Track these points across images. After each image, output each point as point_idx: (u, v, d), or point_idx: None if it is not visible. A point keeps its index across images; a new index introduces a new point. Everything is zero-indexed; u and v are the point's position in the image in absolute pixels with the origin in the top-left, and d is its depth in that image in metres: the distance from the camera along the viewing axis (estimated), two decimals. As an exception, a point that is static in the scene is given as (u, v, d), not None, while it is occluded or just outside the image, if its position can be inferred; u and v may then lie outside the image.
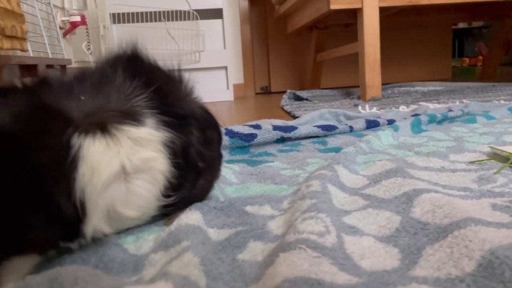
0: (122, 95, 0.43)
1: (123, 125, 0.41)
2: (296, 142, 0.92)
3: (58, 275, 0.34)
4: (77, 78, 0.43)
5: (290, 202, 0.53)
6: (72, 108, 0.39)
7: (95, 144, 0.39)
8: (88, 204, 0.39)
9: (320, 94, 2.13)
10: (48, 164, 0.37)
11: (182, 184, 0.47)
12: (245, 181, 0.65)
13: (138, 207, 0.44)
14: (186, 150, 0.47)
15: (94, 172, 0.38)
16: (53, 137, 0.38)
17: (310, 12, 2.04)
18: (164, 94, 0.46)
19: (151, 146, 0.43)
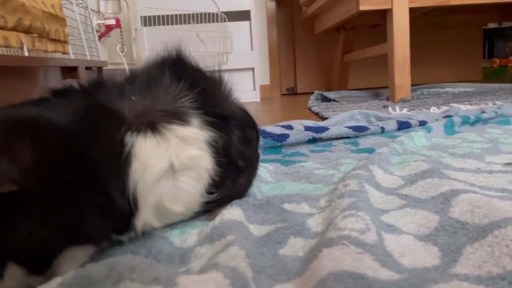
0: (169, 96, 0.45)
1: (171, 125, 0.43)
2: (327, 143, 0.93)
3: (115, 263, 0.37)
4: (128, 79, 0.46)
5: (328, 201, 0.54)
6: (124, 108, 0.42)
7: (146, 142, 0.41)
8: (140, 199, 0.41)
9: (348, 95, 2.13)
10: (104, 160, 0.39)
11: (224, 182, 0.49)
12: (280, 180, 0.67)
13: (184, 202, 0.46)
14: (227, 149, 0.48)
15: (146, 168, 0.41)
16: (109, 135, 0.40)
17: (338, 13, 2.04)
18: (207, 95, 0.48)
19: (196, 144, 0.45)
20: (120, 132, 0.40)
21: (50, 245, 0.38)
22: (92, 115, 0.40)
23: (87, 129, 0.39)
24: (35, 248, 0.38)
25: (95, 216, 0.40)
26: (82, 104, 0.40)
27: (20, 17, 0.82)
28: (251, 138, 0.54)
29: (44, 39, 0.94)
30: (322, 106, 1.76)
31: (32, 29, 0.88)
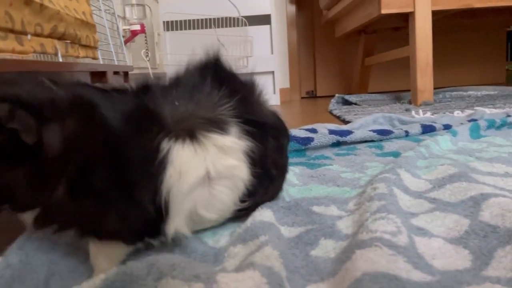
0: (210, 103, 0.46)
1: (210, 133, 0.44)
2: (351, 146, 0.93)
3: (155, 261, 0.38)
4: (172, 83, 0.47)
5: (356, 204, 0.55)
6: (167, 113, 0.43)
7: (184, 150, 0.42)
8: (172, 205, 0.42)
9: (369, 98, 2.12)
10: (137, 162, 0.40)
11: (257, 190, 0.50)
12: (307, 183, 0.68)
13: (217, 210, 0.47)
14: (263, 159, 0.49)
15: (182, 175, 0.42)
16: (147, 139, 0.41)
17: (360, 16, 2.04)
18: (246, 103, 0.48)
19: (234, 154, 0.45)
20: (158, 138, 0.41)
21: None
22: (136, 117, 0.41)
23: (129, 129, 0.41)
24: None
25: (125, 215, 0.41)
26: (131, 105, 0.42)
27: (55, 25, 0.85)
28: (283, 146, 0.55)
29: (76, 45, 0.97)
30: (344, 110, 1.76)
31: (66, 36, 0.91)
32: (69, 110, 0.39)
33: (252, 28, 2.69)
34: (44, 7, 0.79)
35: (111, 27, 1.38)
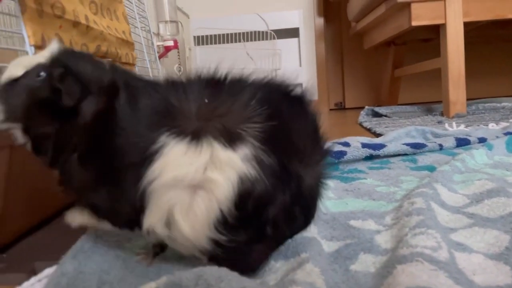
0: (241, 116, 0.42)
1: (216, 141, 0.41)
2: (385, 160, 0.93)
3: (203, 272, 0.40)
4: (220, 84, 0.45)
5: (394, 218, 0.55)
6: (188, 109, 0.42)
7: (177, 147, 0.41)
8: (150, 198, 0.42)
9: (400, 110, 2.10)
10: (130, 149, 0.43)
11: (238, 232, 0.42)
12: (342, 197, 0.69)
13: (192, 225, 0.42)
14: (260, 206, 0.41)
15: (163, 170, 0.41)
16: (149, 130, 0.42)
17: (389, 28, 2.04)
18: (283, 135, 0.43)
19: (223, 171, 0.40)
20: (161, 130, 0.42)
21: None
22: (153, 108, 0.44)
23: (137, 119, 0.43)
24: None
25: (110, 195, 0.44)
26: (155, 98, 0.44)
27: (99, 44, 0.90)
28: (309, 217, 0.48)
29: (117, 62, 1.02)
30: (374, 122, 1.76)
31: (108, 54, 0.96)
32: (105, 91, 0.45)
33: (281, 41, 2.72)
34: (89, 28, 0.84)
35: (146, 43, 1.43)
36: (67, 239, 0.62)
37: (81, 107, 0.44)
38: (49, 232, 0.68)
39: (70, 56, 0.47)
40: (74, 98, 0.44)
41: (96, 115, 0.44)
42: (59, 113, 0.44)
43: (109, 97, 0.45)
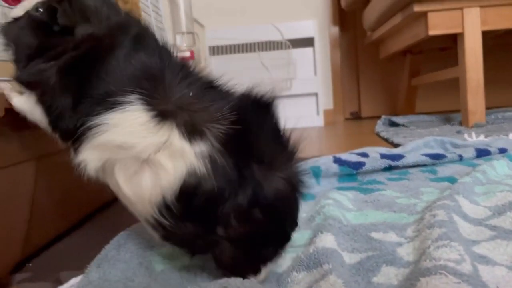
0: (209, 116, 0.42)
1: (177, 128, 0.42)
2: (404, 171, 0.93)
3: (227, 284, 0.41)
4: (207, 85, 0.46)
5: (415, 230, 0.55)
6: (169, 89, 0.44)
7: (140, 114, 0.42)
8: (92, 138, 0.43)
9: (417, 119, 2.09)
10: (102, 87, 0.45)
11: (174, 227, 0.43)
12: (362, 208, 0.69)
13: (135, 192, 0.43)
14: (210, 205, 0.41)
15: (117, 125, 0.43)
16: (127, 81, 0.45)
17: (405, 37, 2.03)
18: (244, 140, 0.43)
19: (174, 159, 0.41)
20: (136, 89, 0.43)
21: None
22: (144, 70, 0.45)
23: (125, 68, 0.45)
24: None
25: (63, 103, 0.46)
26: (153, 62, 0.46)
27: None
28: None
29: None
30: (391, 131, 1.75)
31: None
32: (109, 29, 0.48)
33: (296, 51, 2.73)
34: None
35: (165, 55, 1.46)
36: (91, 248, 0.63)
37: (75, 31, 0.47)
38: (73, 242, 0.69)
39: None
40: (69, 19, 0.47)
41: (88, 40, 0.47)
42: (52, 33, 0.48)
43: (111, 35, 0.47)
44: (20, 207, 0.59)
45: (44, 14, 0.48)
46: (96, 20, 0.48)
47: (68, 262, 0.60)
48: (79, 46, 0.46)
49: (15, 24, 0.51)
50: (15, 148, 0.58)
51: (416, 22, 1.86)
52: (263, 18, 2.81)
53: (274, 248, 0.46)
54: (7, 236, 0.57)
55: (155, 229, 0.45)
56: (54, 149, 0.64)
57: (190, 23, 1.86)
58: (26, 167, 0.60)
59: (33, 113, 0.50)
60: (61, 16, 0.47)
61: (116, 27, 0.48)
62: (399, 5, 1.85)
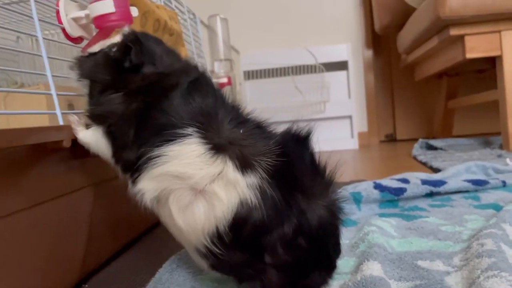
0: (257, 150, 0.45)
1: (230, 161, 0.45)
2: (446, 197, 0.92)
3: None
4: (256, 125, 0.50)
5: (463, 259, 0.55)
6: (221, 126, 0.47)
7: (197, 146, 0.46)
8: (152, 167, 0.47)
9: (455, 143, 2.05)
10: (164, 119, 0.49)
11: (225, 255, 0.45)
12: (406, 236, 0.69)
13: (188, 223, 0.46)
14: (259, 235, 0.44)
15: (176, 157, 0.46)
16: (186, 116, 0.48)
17: (442, 61, 2.02)
18: (289, 172, 0.45)
19: (228, 190, 0.44)
20: (194, 123, 0.47)
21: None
22: (200, 108, 0.49)
23: (184, 105, 0.49)
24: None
25: (124, 129, 0.50)
26: (208, 102, 0.50)
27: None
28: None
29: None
30: (429, 155, 1.73)
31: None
32: (173, 71, 0.53)
33: (329, 74, 2.75)
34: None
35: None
36: (141, 269, 0.66)
37: (143, 68, 0.52)
38: (124, 263, 0.72)
39: (143, 34, 0.56)
40: (140, 58, 0.52)
41: (154, 76, 0.52)
42: (123, 69, 0.52)
43: (174, 75, 0.52)
44: (79, 231, 0.63)
45: (118, 52, 0.53)
46: (160, 64, 0.53)
47: (122, 283, 0.63)
48: (146, 80, 0.51)
49: (90, 59, 0.57)
50: (76, 175, 0.62)
51: (452, 45, 1.86)
52: (297, 43, 2.85)
53: (320, 275, 0.48)
54: (68, 259, 0.61)
55: (205, 257, 0.47)
56: (109, 175, 0.69)
57: (228, 50, 1.92)
58: (86, 193, 0.64)
59: (98, 146, 0.54)
60: (134, 55, 0.51)
61: (179, 70, 0.53)
62: (435, 29, 1.85)
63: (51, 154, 0.56)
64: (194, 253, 0.48)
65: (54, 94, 0.58)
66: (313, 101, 2.77)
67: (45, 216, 0.55)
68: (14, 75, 1.34)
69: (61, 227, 0.59)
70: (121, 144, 0.51)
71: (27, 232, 0.52)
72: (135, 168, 0.49)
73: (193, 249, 0.48)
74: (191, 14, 1.52)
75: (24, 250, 0.52)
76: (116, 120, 0.51)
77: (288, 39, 2.91)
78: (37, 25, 0.57)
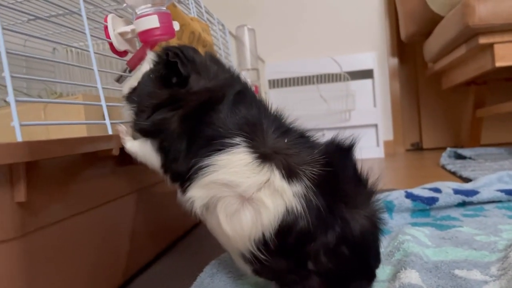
0: (302, 159, 0.47)
1: (277, 169, 0.46)
2: (478, 207, 0.92)
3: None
4: (299, 134, 0.52)
5: (500, 269, 0.56)
6: (267, 135, 0.50)
7: (245, 155, 0.48)
8: (202, 176, 0.49)
9: (485, 152, 2.02)
10: (212, 130, 0.51)
11: (270, 261, 0.47)
12: (440, 245, 0.69)
13: (234, 229, 0.47)
14: (303, 242, 0.45)
15: (225, 166, 0.48)
16: (233, 126, 0.51)
17: (471, 69, 2.00)
18: (333, 181, 0.47)
19: (275, 198, 0.46)
20: (241, 133, 0.49)
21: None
22: (246, 118, 0.51)
23: (231, 116, 0.51)
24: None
25: (176, 150, 0.53)
26: (253, 113, 0.52)
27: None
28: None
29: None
30: (458, 165, 1.71)
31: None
32: (219, 84, 0.54)
33: (355, 83, 2.75)
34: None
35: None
36: (183, 273, 0.68)
37: (190, 81, 0.54)
38: (166, 266, 0.75)
39: (182, 47, 0.58)
40: (186, 70, 0.54)
41: (204, 92, 0.53)
42: (170, 85, 0.55)
43: (221, 89, 0.54)
44: (123, 236, 0.66)
45: (164, 69, 0.55)
46: (205, 74, 0.55)
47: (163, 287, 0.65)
48: (197, 97, 0.53)
49: (138, 91, 0.58)
50: (121, 181, 0.65)
51: (481, 53, 1.84)
52: (322, 52, 2.87)
53: (361, 284, 0.49)
54: (113, 263, 0.64)
55: (249, 263, 0.49)
56: (149, 182, 0.72)
57: (255, 60, 1.95)
58: (129, 199, 0.67)
59: (146, 157, 0.57)
60: (181, 67, 0.54)
61: (224, 83, 0.55)
62: (463, 37, 1.84)
63: (100, 162, 0.59)
64: (238, 258, 0.50)
65: (104, 106, 0.61)
66: (338, 109, 2.78)
67: (94, 221, 0.58)
68: (52, 85, 1.40)
69: (107, 232, 0.62)
70: (172, 157, 0.53)
71: (78, 237, 0.55)
72: (186, 177, 0.51)
73: (238, 254, 0.50)
74: (220, 25, 1.56)
75: (76, 254, 0.55)
76: (169, 136, 0.53)
77: (313, 48, 2.93)
78: (89, 41, 0.61)
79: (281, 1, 2.95)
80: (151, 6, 0.65)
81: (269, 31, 2.86)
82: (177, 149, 0.52)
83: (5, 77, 0.44)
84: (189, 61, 0.55)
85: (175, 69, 0.54)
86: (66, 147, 0.50)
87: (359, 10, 2.90)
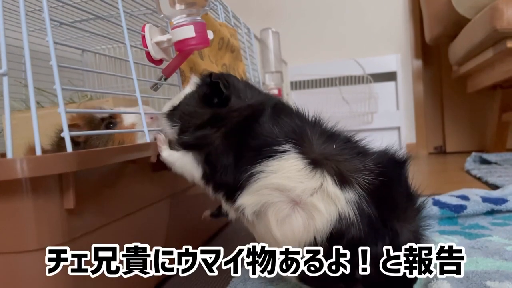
0: (354, 167, 0.47)
1: (329, 175, 0.47)
2: (508, 215, 0.91)
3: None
4: (347, 140, 0.52)
5: (534, 282, 0.55)
6: (314, 142, 0.50)
7: (296, 161, 0.48)
8: (253, 183, 0.49)
9: (511, 157, 1.98)
10: (260, 140, 0.52)
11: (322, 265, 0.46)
12: (470, 255, 0.69)
13: (284, 234, 0.48)
14: (353, 250, 0.45)
15: (276, 171, 0.49)
16: (280, 134, 0.52)
17: (497, 73, 1.97)
18: (386, 192, 0.47)
19: (328, 204, 0.46)
20: (289, 140, 0.50)
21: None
22: (291, 127, 0.52)
23: (275, 126, 0.52)
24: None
25: (224, 166, 0.54)
26: (296, 122, 0.53)
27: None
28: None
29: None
30: (483, 170, 1.69)
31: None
32: (257, 101, 0.57)
33: (377, 85, 2.74)
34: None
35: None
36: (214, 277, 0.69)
37: (231, 101, 0.56)
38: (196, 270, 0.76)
39: (224, 73, 0.61)
40: (229, 91, 0.56)
41: (245, 108, 0.55)
42: (212, 105, 0.57)
43: (259, 104, 0.56)
44: (158, 239, 0.68)
45: (207, 89, 0.58)
46: (244, 95, 0.57)
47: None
48: (239, 113, 0.55)
49: (179, 109, 0.61)
50: (156, 187, 0.67)
51: (509, 57, 1.81)
52: (345, 55, 2.86)
53: None
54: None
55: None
56: (180, 187, 0.74)
57: (278, 63, 1.96)
58: (164, 204, 0.69)
59: (184, 168, 0.58)
60: (223, 87, 0.56)
61: (262, 100, 0.57)
62: (490, 41, 1.82)
63: (137, 169, 0.61)
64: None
65: (143, 113, 0.63)
66: (360, 111, 2.77)
67: (130, 227, 0.60)
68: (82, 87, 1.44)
69: (143, 237, 0.64)
70: (219, 170, 0.54)
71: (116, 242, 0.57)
72: (237, 187, 0.52)
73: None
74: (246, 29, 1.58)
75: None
76: (213, 151, 0.55)
77: (336, 50, 2.92)
78: (129, 50, 0.63)
79: (304, 4, 2.95)
80: (186, 16, 0.67)
81: (292, 34, 2.87)
82: (224, 162, 0.53)
83: (56, 89, 0.46)
84: (229, 84, 0.57)
85: (217, 90, 0.56)
86: (111, 156, 0.52)
87: (383, 12, 2.88)
